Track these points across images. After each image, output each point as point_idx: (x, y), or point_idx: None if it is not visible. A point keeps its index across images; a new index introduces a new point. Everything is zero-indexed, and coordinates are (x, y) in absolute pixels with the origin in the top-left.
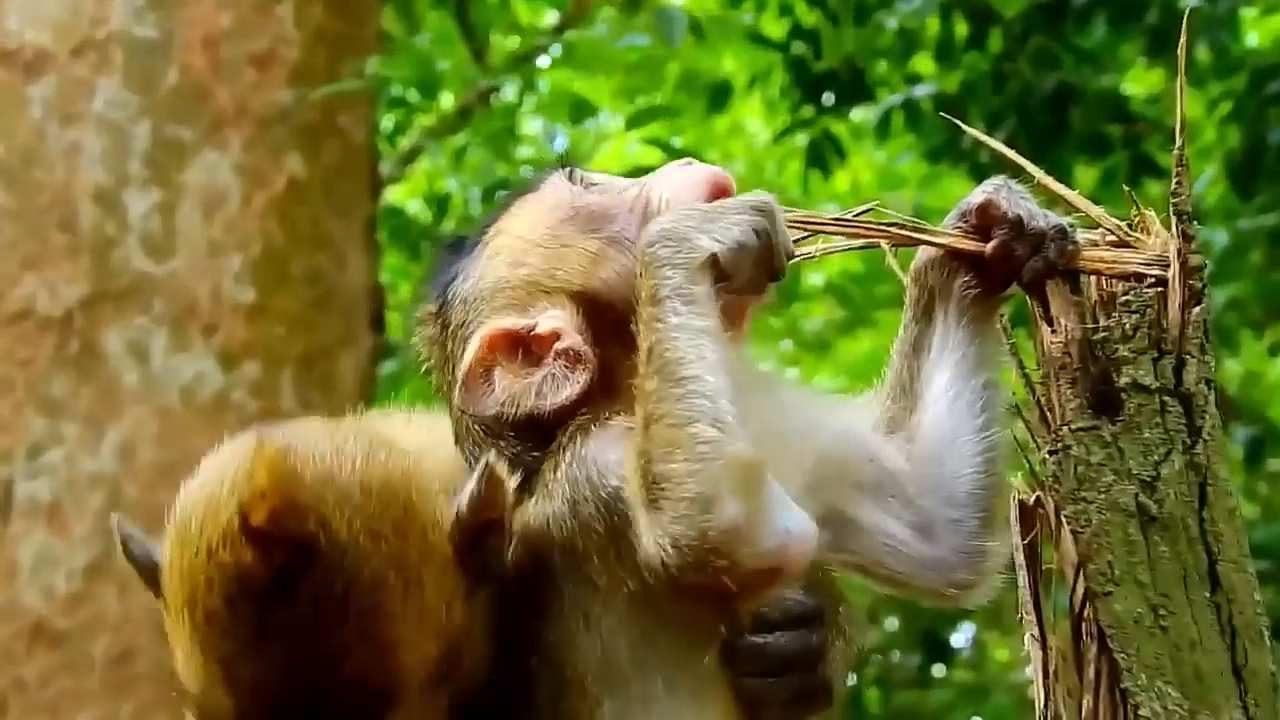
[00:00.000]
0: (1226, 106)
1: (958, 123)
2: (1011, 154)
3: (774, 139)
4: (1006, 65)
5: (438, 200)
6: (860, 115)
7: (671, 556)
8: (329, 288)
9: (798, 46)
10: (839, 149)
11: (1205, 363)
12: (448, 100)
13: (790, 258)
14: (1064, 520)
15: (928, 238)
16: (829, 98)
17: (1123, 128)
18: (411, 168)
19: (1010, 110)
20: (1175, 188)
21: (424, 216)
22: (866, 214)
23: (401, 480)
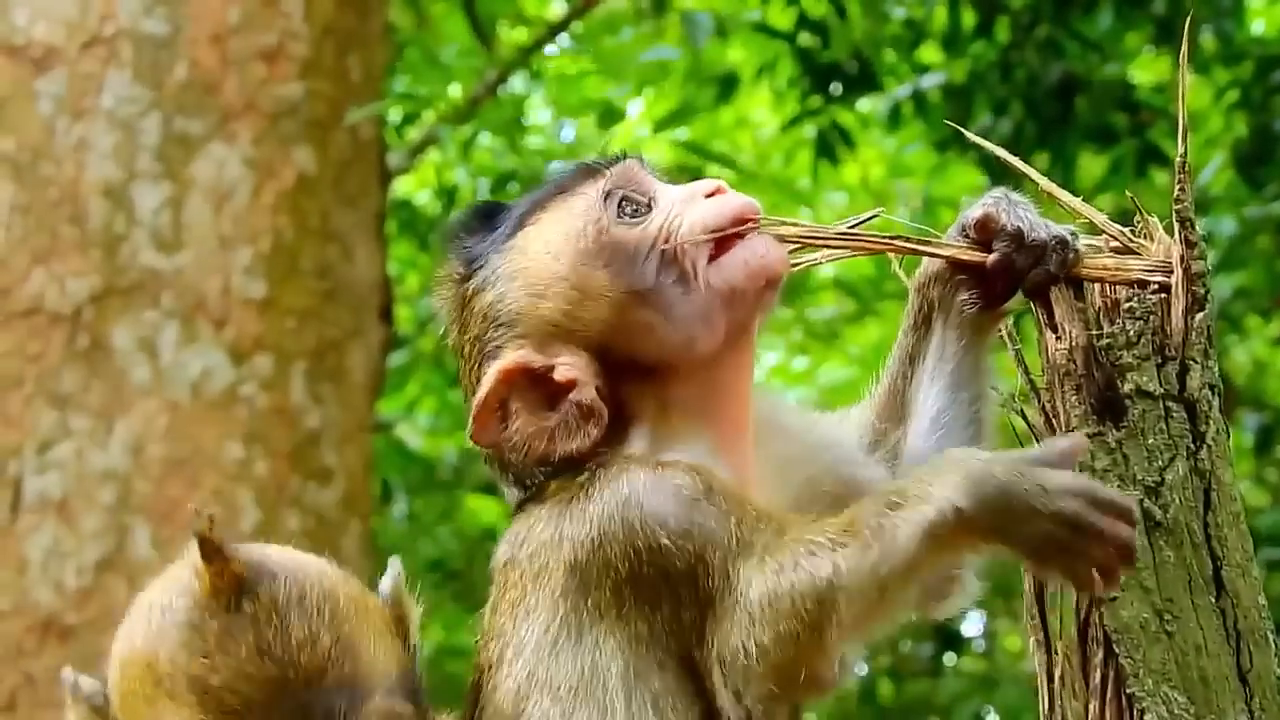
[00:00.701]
0: (1233, 95)
1: (960, 129)
2: (1015, 161)
3: (782, 129)
4: (1013, 54)
5: (447, 192)
6: (868, 105)
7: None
8: (338, 281)
9: (805, 37)
10: (847, 139)
11: (1209, 368)
12: (455, 90)
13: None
14: None
15: (930, 249)
16: (837, 88)
17: (1129, 117)
18: (420, 159)
19: (1017, 99)
20: (1178, 194)
21: (433, 208)
22: (871, 221)
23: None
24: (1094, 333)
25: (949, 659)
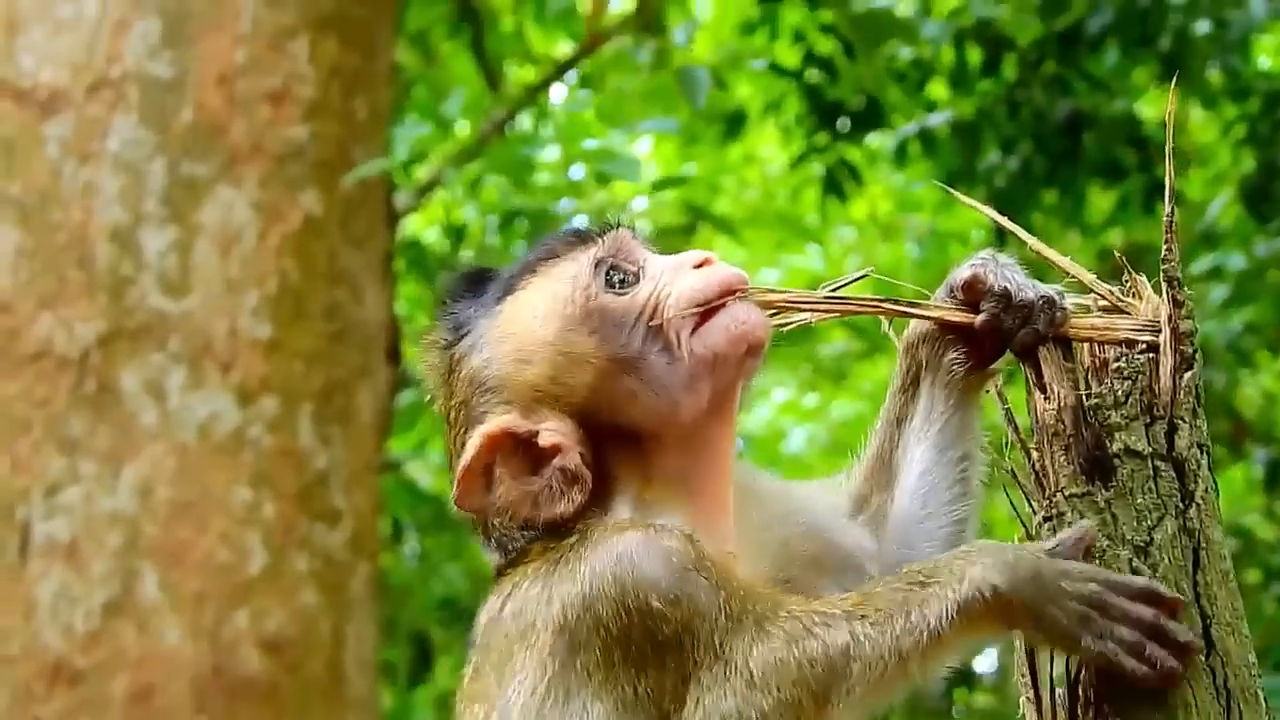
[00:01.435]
0: (1240, 130)
1: (956, 194)
2: (1005, 221)
3: (789, 166)
4: (1020, 92)
5: (455, 230)
6: (875, 141)
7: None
8: (346, 322)
9: (812, 74)
10: (855, 176)
11: (1197, 427)
12: (463, 128)
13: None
14: None
15: (918, 311)
16: (844, 124)
17: (1136, 152)
18: (428, 197)
19: (1025, 136)
20: (1165, 254)
21: (441, 246)
22: (861, 280)
23: None
24: (1082, 392)
25: (960, 695)
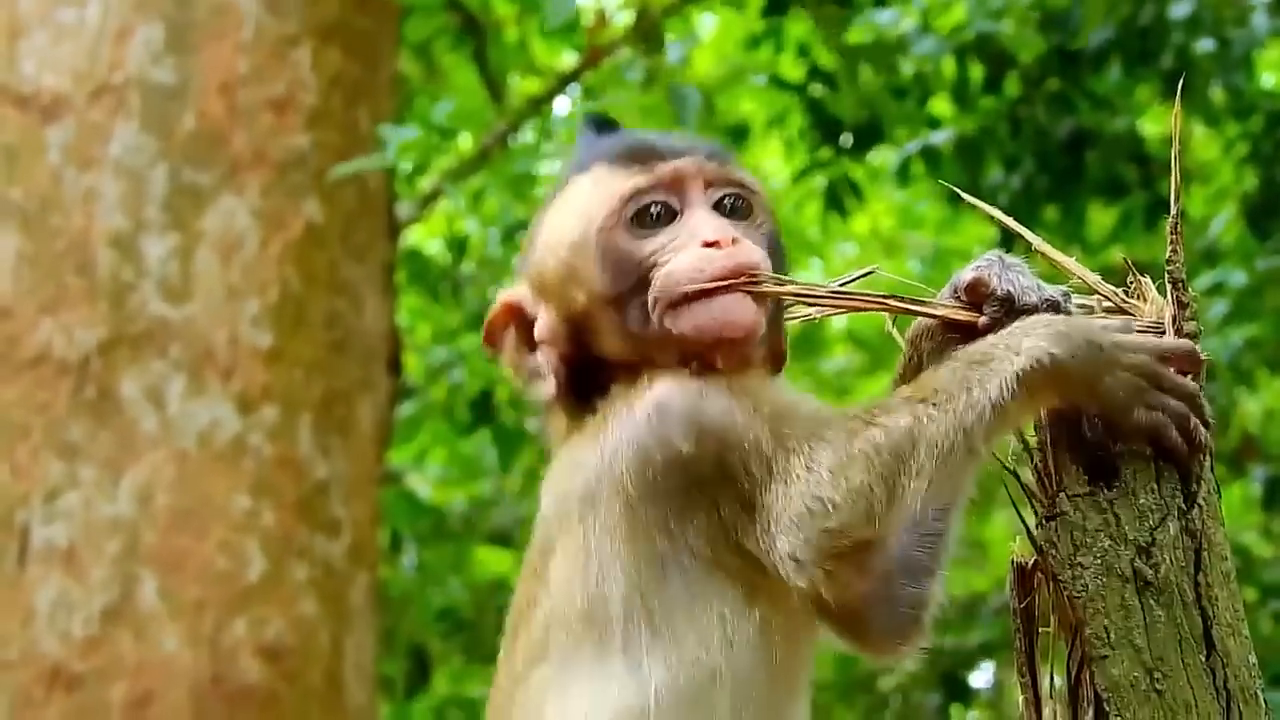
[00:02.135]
0: (1243, 148)
1: (963, 194)
2: (1009, 221)
3: (792, 180)
4: (1023, 109)
5: (458, 242)
6: (879, 158)
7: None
8: (346, 331)
9: (816, 88)
10: (857, 192)
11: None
12: (466, 140)
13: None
14: (1060, 585)
15: (923, 309)
16: (847, 139)
17: (1139, 169)
18: (430, 208)
19: (1027, 153)
20: (1170, 255)
21: (443, 258)
22: (866, 277)
23: None
24: None
25: (956, 710)
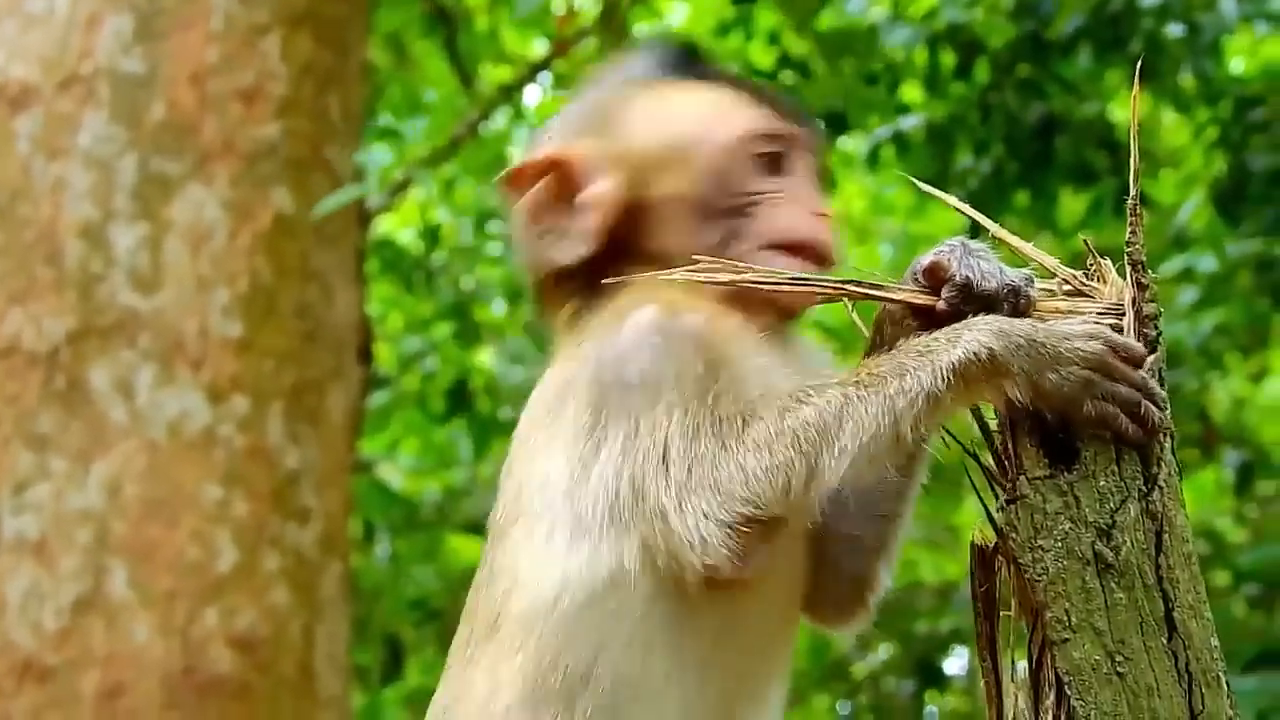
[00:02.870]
0: (1212, 133)
1: (924, 186)
2: (965, 208)
3: None
4: (993, 95)
5: (430, 230)
6: (850, 144)
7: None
8: (317, 321)
9: (786, 76)
10: (828, 177)
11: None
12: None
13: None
14: (1021, 569)
15: (881, 294)
16: (818, 126)
17: (1109, 155)
18: (401, 197)
19: (998, 139)
20: (1130, 237)
21: (415, 247)
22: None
23: None
24: None
25: (931, 696)
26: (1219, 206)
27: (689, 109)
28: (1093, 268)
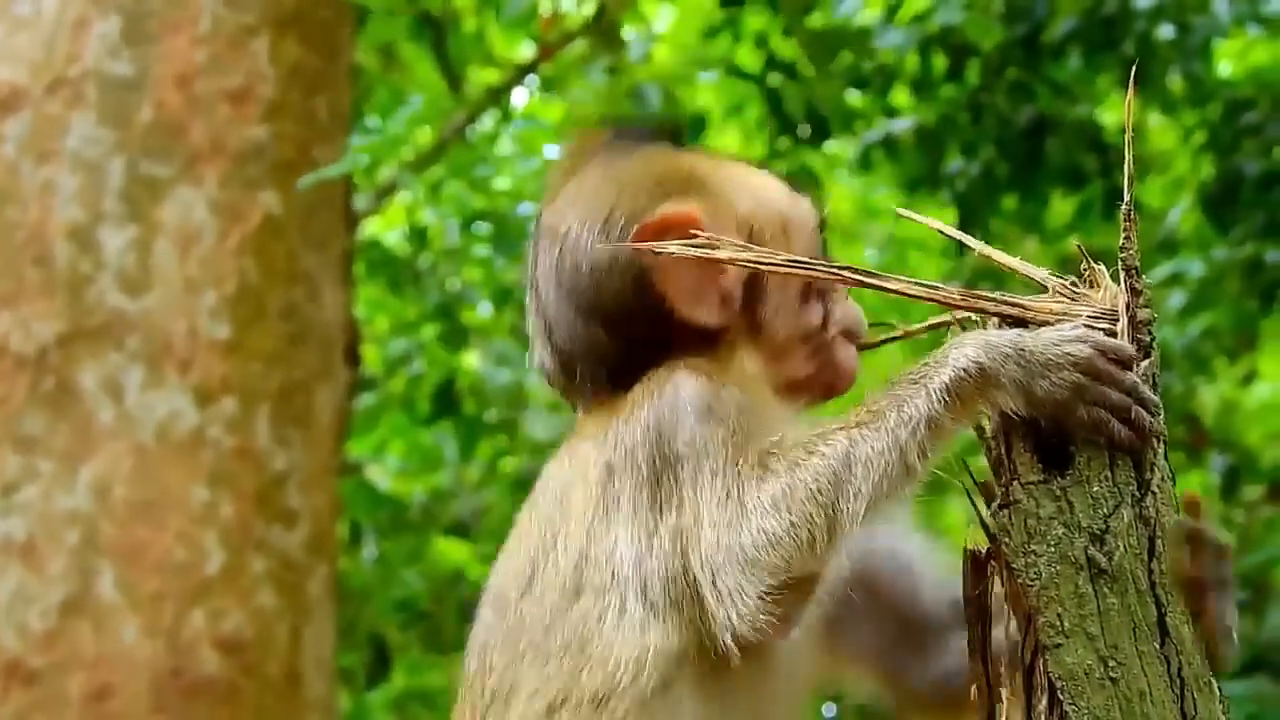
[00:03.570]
0: (1201, 136)
1: (907, 214)
2: (952, 231)
3: None
4: (983, 97)
5: (417, 232)
6: (837, 147)
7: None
8: (305, 323)
9: (774, 78)
10: (815, 181)
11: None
12: (425, 132)
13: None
14: (1014, 574)
15: (876, 282)
16: (805, 130)
17: (1099, 158)
18: (389, 200)
19: (988, 141)
20: (1124, 242)
21: (402, 249)
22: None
23: None
24: None
25: None
26: (1208, 211)
27: (772, 187)
28: (1086, 273)
